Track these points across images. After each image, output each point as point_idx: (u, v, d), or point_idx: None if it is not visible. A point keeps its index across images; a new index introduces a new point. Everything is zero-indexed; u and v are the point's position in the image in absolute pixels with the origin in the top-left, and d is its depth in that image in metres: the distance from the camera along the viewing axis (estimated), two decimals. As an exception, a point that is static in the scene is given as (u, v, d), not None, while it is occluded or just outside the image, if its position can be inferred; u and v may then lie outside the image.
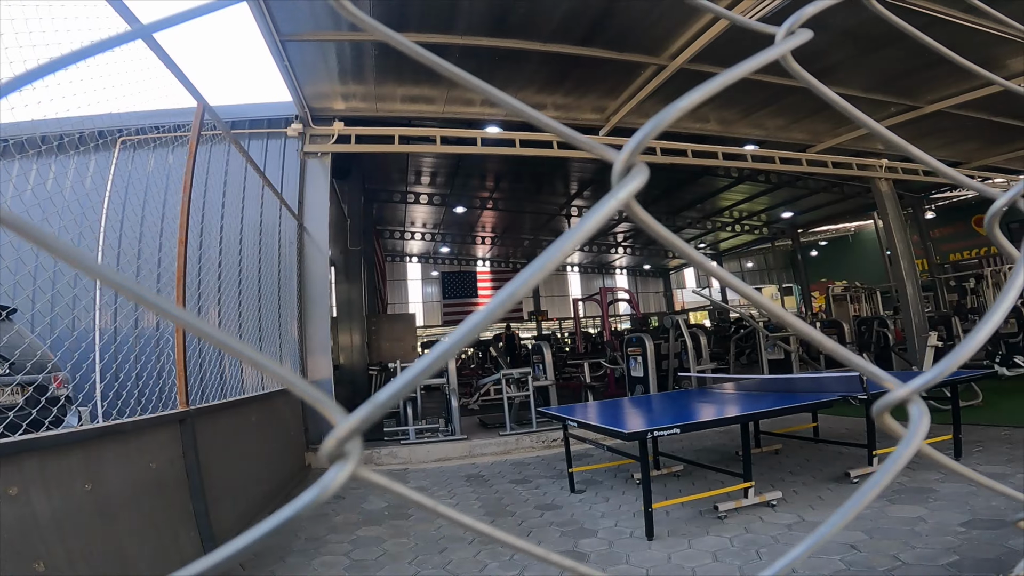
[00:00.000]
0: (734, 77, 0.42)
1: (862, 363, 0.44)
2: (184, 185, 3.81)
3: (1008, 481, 3.54)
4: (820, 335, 0.43)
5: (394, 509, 4.35)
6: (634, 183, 0.36)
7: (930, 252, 16.25)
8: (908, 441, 0.41)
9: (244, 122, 7.25)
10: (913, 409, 0.42)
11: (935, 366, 0.42)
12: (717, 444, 5.65)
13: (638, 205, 0.37)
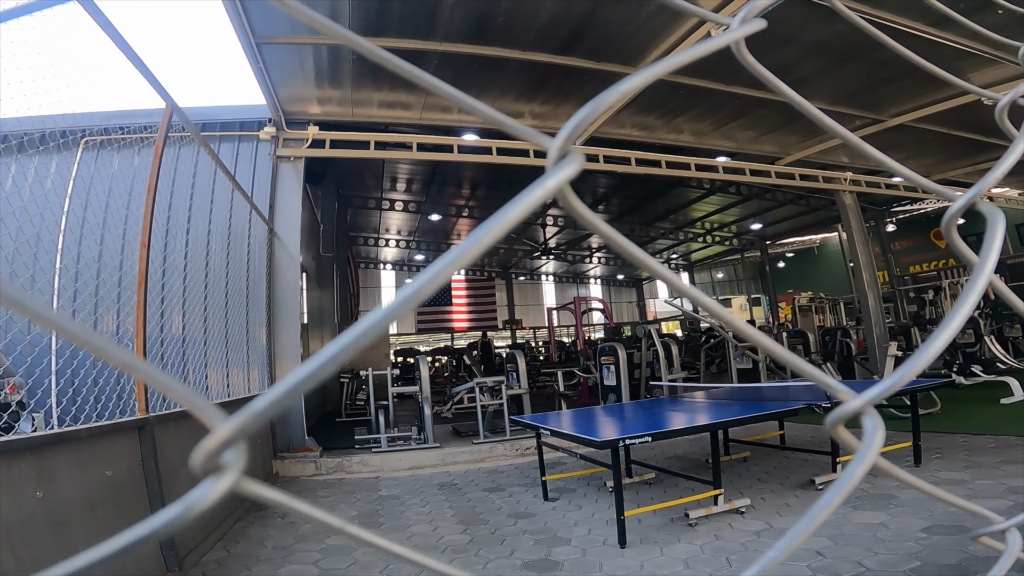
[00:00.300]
0: (681, 62, 0.41)
1: (817, 374, 0.43)
2: (148, 187, 3.70)
3: (966, 487, 3.67)
4: (774, 344, 0.43)
5: (365, 517, 4.27)
6: (567, 170, 0.34)
7: (891, 264, 16.87)
8: (863, 455, 0.41)
9: (215, 124, 7.10)
10: (867, 422, 0.42)
11: (888, 377, 0.42)
12: (688, 452, 5.71)
13: (572, 193, 0.36)
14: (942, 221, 0.48)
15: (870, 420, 0.41)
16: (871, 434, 0.41)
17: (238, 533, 4.00)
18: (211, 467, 0.28)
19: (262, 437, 5.67)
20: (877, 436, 0.41)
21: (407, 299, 0.32)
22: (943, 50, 6.23)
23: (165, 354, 4.91)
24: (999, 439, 4.95)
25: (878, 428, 0.41)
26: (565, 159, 0.35)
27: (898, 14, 5.71)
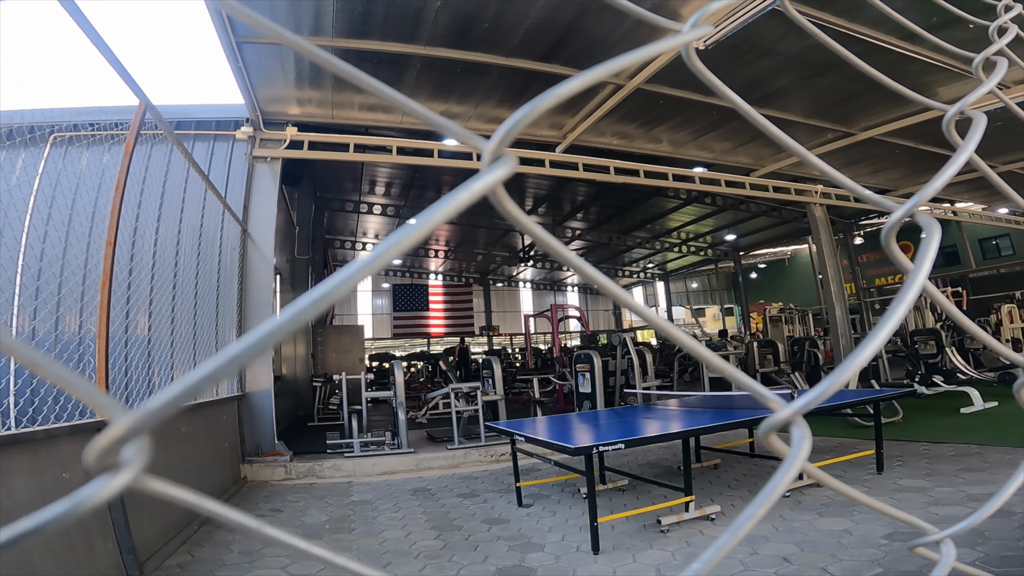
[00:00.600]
0: (623, 64, 0.41)
1: (750, 384, 0.43)
2: (117, 185, 3.62)
3: (927, 494, 3.79)
4: (710, 354, 0.43)
5: (336, 523, 4.20)
6: (496, 173, 0.34)
7: (858, 276, 17.38)
8: (787, 465, 0.40)
9: (190, 122, 6.97)
10: (795, 431, 0.42)
11: (815, 388, 0.42)
12: (661, 458, 5.78)
13: (506, 196, 0.36)
14: (881, 232, 0.50)
15: (798, 430, 0.42)
16: (797, 444, 0.41)
17: (203, 537, 3.91)
18: (107, 464, 0.27)
19: (231, 441, 5.55)
20: (803, 446, 0.41)
21: (316, 302, 0.31)
22: (914, 64, 6.38)
23: (129, 355, 4.77)
24: (958, 447, 5.13)
25: (804, 438, 0.41)
26: (498, 162, 0.35)
27: (873, 27, 5.84)
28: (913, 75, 6.82)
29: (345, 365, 11.61)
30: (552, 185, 13.42)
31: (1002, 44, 0.78)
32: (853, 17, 5.68)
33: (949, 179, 0.51)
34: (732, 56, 6.36)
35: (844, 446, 5.53)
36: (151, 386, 4.59)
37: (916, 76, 6.88)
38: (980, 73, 0.71)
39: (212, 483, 4.75)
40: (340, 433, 6.73)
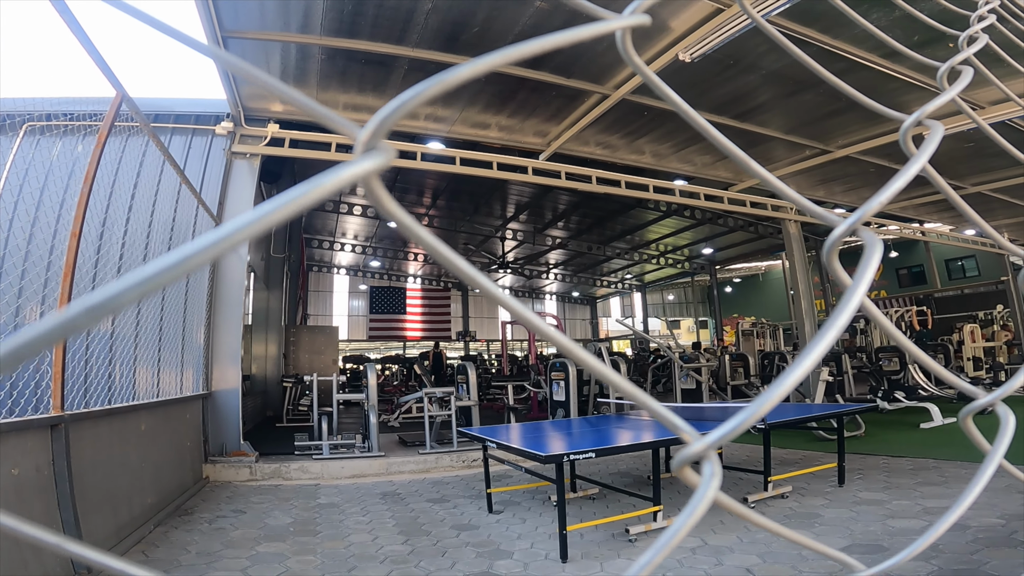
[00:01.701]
0: (531, 51, 0.40)
1: (662, 412, 0.41)
2: (86, 176, 3.53)
3: (885, 506, 3.89)
4: (610, 371, 0.40)
5: (301, 525, 4.12)
6: (368, 163, 0.32)
7: (828, 293, 17.83)
8: (693, 505, 0.38)
9: (169, 116, 6.85)
10: (705, 468, 0.40)
11: (730, 420, 0.40)
12: (631, 468, 5.82)
13: (380, 187, 0.34)
14: (824, 246, 0.50)
15: (708, 466, 0.40)
16: (707, 481, 0.39)
17: (158, 537, 3.80)
18: None
19: (193, 440, 5.42)
20: (712, 484, 0.39)
21: (150, 278, 0.27)
22: (893, 82, 6.52)
23: (90, 347, 4.62)
24: (917, 461, 5.29)
25: (714, 476, 0.39)
26: (371, 152, 0.33)
27: (855, 45, 5.97)
28: (893, 93, 6.96)
29: (318, 366, 11.45)
30: (535, 193, 13.48)
31: (969, 53, 0.81)
32: (836, 34, 5.83)
33: (896, 192, 0.53)
34: (717, 71, 6.50)
35: (808, 459, 5.65)
36: (111, 382, 4.45)
37: (895, 94, 7.02)
38: (944, 83, 0.74)
39: (170, 483, 4.63)
40: (309, 435, 6.61)
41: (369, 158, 0.31)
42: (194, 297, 6.12)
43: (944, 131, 0.60)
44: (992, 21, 0.96)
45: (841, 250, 0.49)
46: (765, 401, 0.40)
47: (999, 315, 15.47)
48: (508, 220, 16.10)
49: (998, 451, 0.55)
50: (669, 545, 0.36)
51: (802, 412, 5.04)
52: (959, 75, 0.76)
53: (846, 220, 0.48)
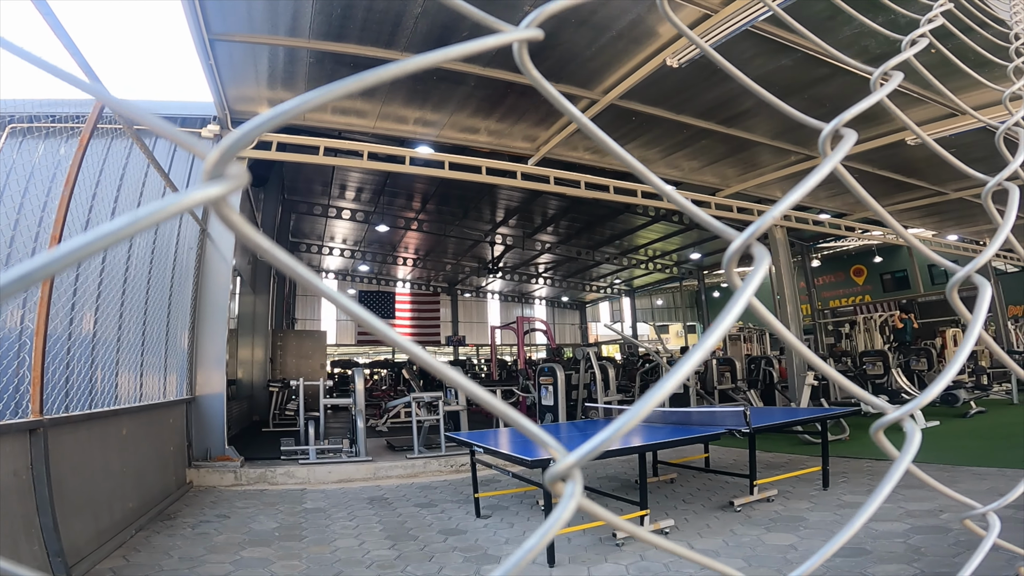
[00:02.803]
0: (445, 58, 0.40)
1: (532, 429, 0.39)
2: (68, 178, 3.50)
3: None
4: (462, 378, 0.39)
5: (286, 530, 4.07)
6: (215, 188, 0.30)
7: (813, 298, 18.03)
8: (552, 521, 0.37)
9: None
10: (567, 487, 0.39)
11: (593, 439, 0.39)
12: (619, 472, 5.83)
13: (232, 212, 0.32)
14: (723, 259, 0.50)
15: (570, 485, 0.39)
16: (565, 501, 0.38)
17: (140, 542, 3.75)
18: None
19: (177, 445, 5.35)
20: (568, 506, 0.38)
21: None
22: None
23: (72, 350, 4.56)
24: (899, 466, 5.36)
25: (573, 497, 0.38)
26: (219, 178, 0.31)
27: (840, 50, 6.14)
28: None
29: (306, 371, 11.36)
30: (524, 197, 13.52)
31: (908, 55, 0.83)
32: (821, 39, 5.94)
33: (803, 195, 0.54)
34: (704, 75, 6.57)
35: (794, 462, 5.70)
36: (93, 386, 4.38)
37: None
38: (876, 86, 0.76)
39: (153, 488, 4.58)
40: (295, 439, 6.56)
41: (215, 184, 0.30)
42: (178, 300, 6.06)
43: (857, 137, 0.62)
44: (942, 22, 0.99)
45: (826, 255, 0.51)
46: (632, 417, 0.39)
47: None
48: (497, 225, 16.12)
49: (904, 459, 0.58)
50: (524, 561, 0.34)
51: (788, 416, 5.09)
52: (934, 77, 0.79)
53: (742, 235, 0.48)
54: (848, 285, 21.48)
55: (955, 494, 0.68)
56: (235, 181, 0.31)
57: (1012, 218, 0.72)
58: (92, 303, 4.98)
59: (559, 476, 0.38)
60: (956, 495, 0.69)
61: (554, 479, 0.38)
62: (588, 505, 0.40)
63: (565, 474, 0.38)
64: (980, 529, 0.71)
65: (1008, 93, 1.06)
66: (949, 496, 0.70)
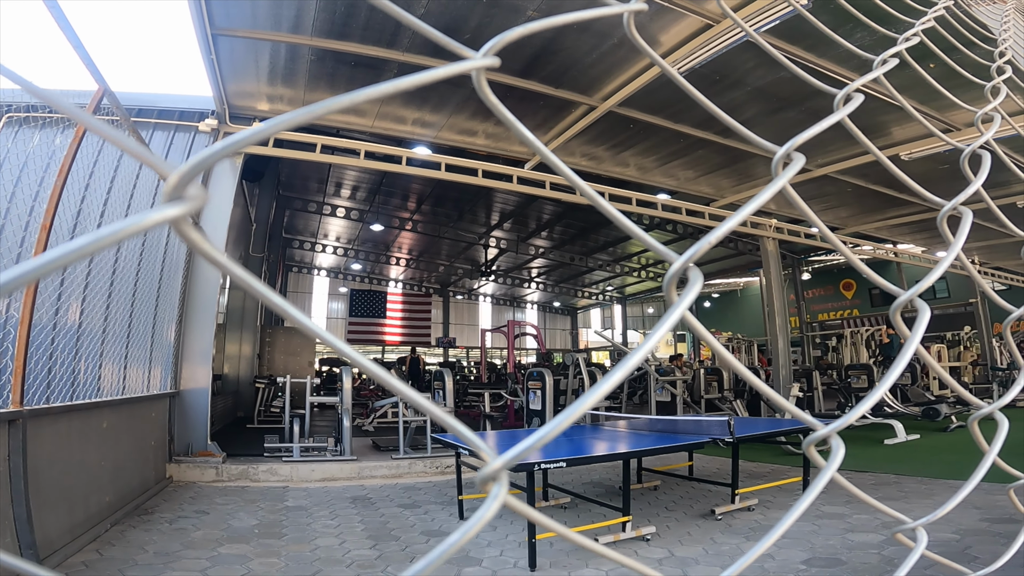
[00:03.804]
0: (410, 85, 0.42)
1: (457, 426, 0.42)
2: (61, 169, 3.49)
3: (845, 520, 3.98)
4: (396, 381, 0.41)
5: (266, 527, 4.05)
6: (174, 209, 0.31)
7: (802, 311, 18.18)
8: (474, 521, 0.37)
9: (152, 111, 6.80)
10: (493, 488, 0.39)
11: (518, 444, 0.40)
12: (604, 478, 5.84)
13: (192, 231, 0.33)
14: (664, 282, 0.52)
15: (496, 487, 0.39)
16: (490, 501, 0.39)
17: (115, 536, 3.71)
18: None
19: (158, 439, 5.32)
20: (491, 507, 0.38)
21: None
22: (872, 102, 6.72)
23: (56, 340, 4.52)
24: (879, 476, 5.42)
25: (497, 498, 0.39)
26: (178, 200, 0.31)
27: (838, 64, 6.14)
28: (870, 113, 7.15)
29: (293, 368, 11.30)
30: (519, 201, 13.56)
31: (878, 73, 0.86)
32: (822, 53, 5.99)
33: (741, 220, 0.56)
34: (704, 85, 6.63)
35: (776, 472, 5.75)
36: (75, 378, 4.35)
37: (873, 114, 7.21)
38: (839, 106, 0.79)
39: (131, 482, 4.54)
40: (280, 437, 6.52)
41: (175, 205, 0.31)
42: (166, 293, 6.02)
43: (804, 162, 0.65)
44: (917, 41, 1.02)
45: (817, 268, 0.53)
46: (558, 424, 0.41)
47: (966, 336, 15.96)
48: (492, 228, 16.14)
49: (828, 471, 0.60)
50: (442, 558, 0.36)
51: (771, 426, 5.14)
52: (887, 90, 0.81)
53: (681, 257, 0.51)
54: (837, 299, 21.69)
55: (886, 508, 0.71)
56: (193, 203, 0.32)
57: (961, 243, 0.75)
58: (79, 293, 4.94)
59: (488, 478, 0.39)
60: (887, 509, 0.71)
61: (484, 480, 0.39)
62: (513, 503, 0.41)
63: (494, 476, 0.39)
64: (910, 542, 0.73)
65: (980, 114, 1.09)
66: (879, 509, 0.72)
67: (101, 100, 3.82)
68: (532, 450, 0.40)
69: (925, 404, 8.83)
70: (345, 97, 0.38)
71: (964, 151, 0.95)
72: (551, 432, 0.41)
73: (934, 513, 0.77)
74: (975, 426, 0.92)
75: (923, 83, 1.11)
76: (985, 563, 0.97)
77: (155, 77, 47.06)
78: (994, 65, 1.37)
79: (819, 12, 0.99)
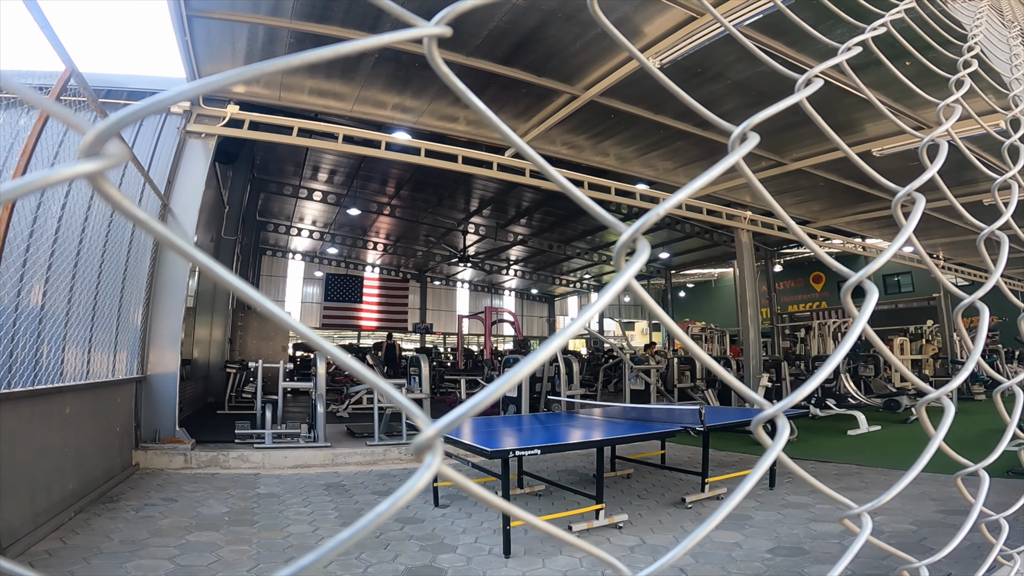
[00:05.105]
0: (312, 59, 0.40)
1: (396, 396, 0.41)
2: (24, 149, 3.36)
3: (809, 510, 4.12)
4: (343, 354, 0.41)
5: (236, 515, 4.01)
6: (91, 164, 0.31)
7: (773, 302, 18.59)
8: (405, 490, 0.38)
9: (122, 92, 6.54)
10: (427, 456, 0.40)
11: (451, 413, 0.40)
12: (579, 466, 5.93)
13: (109, 185, 0.32)
14: (614, 250, 0.52)
15: (430, 456, 0.39)
16: (423, 470, 0.39)
17: (79, 524, 3.64)
18: None
19: (124, 425, 5.20)
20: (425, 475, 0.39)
21: None
22: (849, 98, 6.74)
23: (18, 323, 4.36)
24: (841, 467, 5.62)
25: (431, 467, 0.39)
26: (95, 155, 0.31)
27: (818, 59, 6.25)
28: (846, 109, 7.25)
29: (266, 353, 11.13)
30: (499, 188, 13.48)
31: (841, 59, 0.88)
32: (802, 48, 6.05)
33: (691, 194, 0.57)
34: (685, 78, 6.64)
35: (744, 461, 5.92)
36: (38, 362, 4.21)
37: (849, 111, 7.32)
38: (800, 87, 0.81)
39: (96, 469, 4.45)
40: (251, 423, 6.43)
41: (92, 160, 0.31)
42: (133, 276, 5.85)
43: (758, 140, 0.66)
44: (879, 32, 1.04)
45: (789, 261, 0.53)
46: (489, 393, 0.41)
47: (928, 330, 16.56)
48: (471, 214, 16.04)
49: (774, 450, 0.64)
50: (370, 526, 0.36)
51: (741, 415, 5.27)
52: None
53: (631, 227, 0.52)
54: (807, 291, 22.25)
55: (833, 493, 0.74)
56: (111, 159, 0.31)
57: (912, 226, 0.78)
58: (42, 275, 4.76)
59: (423, 447, 0.39)
60: (835, 495, 0.74)
61: (419, 450, 0.39)
62: (447, 472, 0.41)
63: (428, 445, 0.39)
64: (855, 527, 0.77)
65: (942, 106, 1.12)
66: (828, 495, 0.75)
67: (68, 81, 3.71)
68: (465, 418, 0.40)
69: (887, 396, 9.16)
70: (279, 60, 0.37)
71: (923, 141, 0.98)
72: (484, 400, 0.41)
73: (878, 499, 0.80)
74: (923, 411, 0.96)
75: (898, 81, 1.12)
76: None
77: (128, 59, 45.28)
78: (961, 59, 1.40)
79: (801, 8, 1.00)
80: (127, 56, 45.30)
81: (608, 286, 0.48)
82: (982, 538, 1.13)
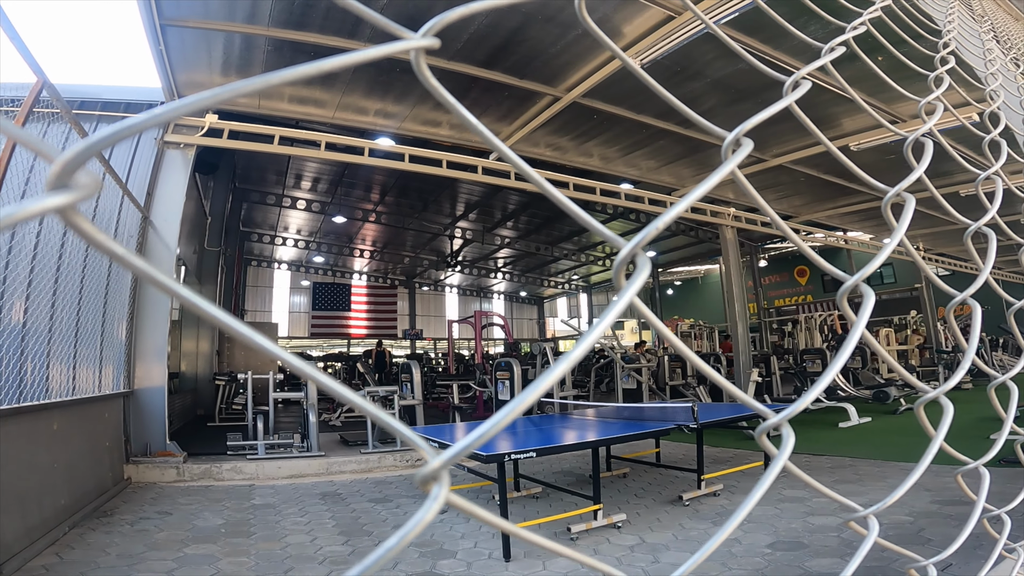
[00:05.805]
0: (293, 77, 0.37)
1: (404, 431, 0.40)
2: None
3: (805, 503, 4.15)
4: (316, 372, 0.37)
5: (233, 526, 3.95)
6: (58, 198, 0.28)
7: (759, 297, 18.78)
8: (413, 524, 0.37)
9: (96, 103, 6.45)
10: (433, 488, 0.39)
11: (459, 443, 0.39)
12: (575, 466, 5.93)
13: (82, 218, 0.30)
14: (613, 267, 0.52)
15: (436, 487, 0.38)
16: (429, 502, 0.38)
17: (74, 539, 3.59)
18: None
19: (114, 440, 5.11)
20: (431, 508, 0.38)
21: None
22: (825, 94, 6.81)
23: (1, 341, 4.27)
24: (834, 459, 5.68)
25: (437, 499, 0.38)
26: (63, 188, 0.29)
27: (793, 56, 6.30)
28: (823, 105, 7.36)
29: (255, 364, 10.98)
30: (484, 192, 13.48)
31: (825, 60, 0.89)
32: (777, 45, 6.13)
33: (687, 206, 0.57)
34: (666, 76, 6.70)
35: (739, 457, 5.96)
36: (22, 378, 4.12)
37: (825, 106, 7.43)
38: (788, 91, 0.82)
39: (87, 484, 4.39)
40: (243, 434, 6.35)
41: (58, 195, 0.29)
42: (115, 290, 5.76)
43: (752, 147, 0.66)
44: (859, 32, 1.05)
45: (773, 256, 0.53)
46: (502, 418, 0.40)
47: (912, 320, 16.83)
48: (457, 218, 16.02)
49: (780, 459, 0.63)
50: (382, 560, 0.35)
51: (733, 412, 5.31)
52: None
53: (630, 242, 0.51)
54: (792, 285, 22.51)
55: (839, 497, 0.73)
56: (81, 191, 0.29)
57: (904, 228, 0.79)
58: (23, 292, 4.67)
59: (429, 478, 0.38)
60: (840, 498, 0.74)
61: (424, 481, 0.38)
62: (456, 501, 0.40)
63: (434, 476, 0.38)
64: (863, 529, 0.76)
65: (923, 104, 1.13)
66: (834, 499, 0.75)
67: (40, 93, 3.65)
68: (473, 447, 0.38)
69: (875, 387, 9.29)
70: (258, 79, 0.35)
71: (908, 139, 0.99)
72: (497, 426, 0.40)
73: (883, 501, 0.81)
74: (921, 411, 0.96)
75: (872, 76, 1.14)
76: (938, 544, 1.03)
77: (102, 68, 44.39)
78: (938, 56, 1.42)
79: (775, 5, 1.01)
80: (101, 65, 44.50)
81: (610, 306, 0.47)
82: (978, 529, 1.14)
